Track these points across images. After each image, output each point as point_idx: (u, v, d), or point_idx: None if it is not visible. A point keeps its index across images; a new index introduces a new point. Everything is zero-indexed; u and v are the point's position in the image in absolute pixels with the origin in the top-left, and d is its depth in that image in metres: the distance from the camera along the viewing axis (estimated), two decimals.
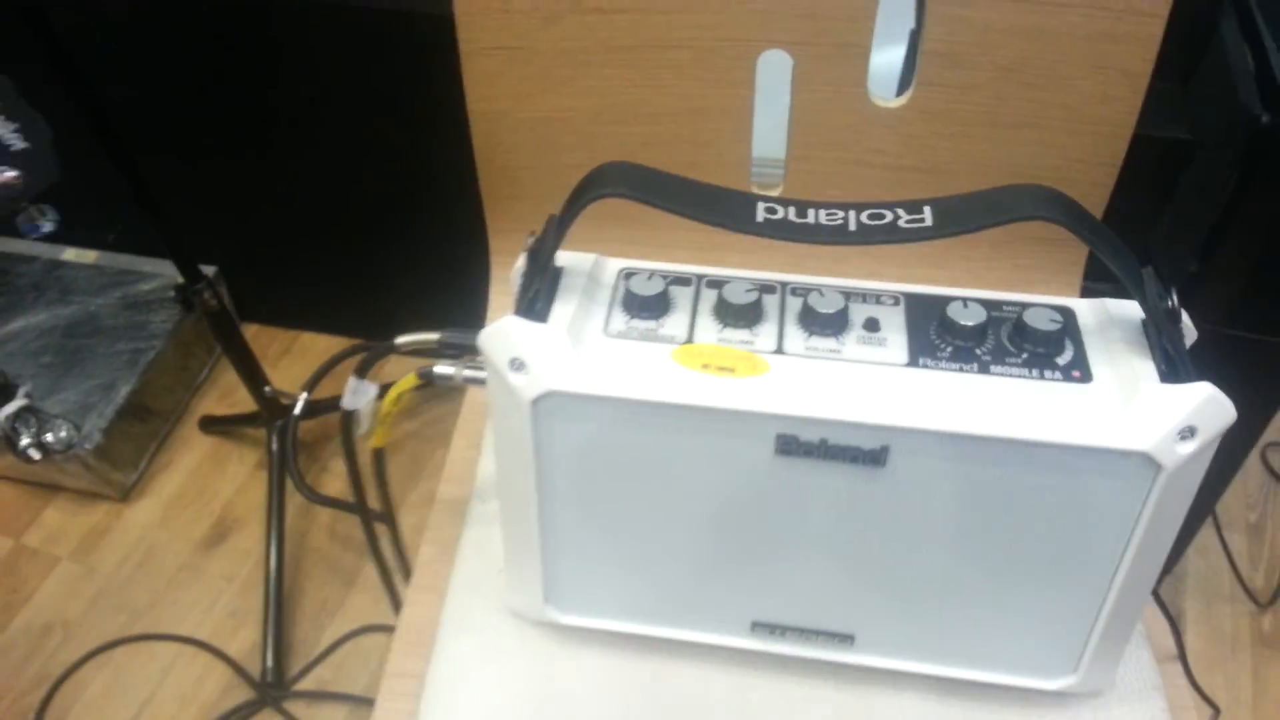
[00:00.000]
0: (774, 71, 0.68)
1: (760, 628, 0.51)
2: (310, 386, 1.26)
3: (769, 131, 0.70)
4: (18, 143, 0.56)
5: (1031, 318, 0.46)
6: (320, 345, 1.49)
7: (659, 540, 0.49)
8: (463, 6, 0.64)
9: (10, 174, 0.55)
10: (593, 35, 0.66)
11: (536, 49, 0.66)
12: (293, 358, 1.48)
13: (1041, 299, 0.48)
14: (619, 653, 0.53)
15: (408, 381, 0.55)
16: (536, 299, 0.47)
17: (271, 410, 1.24)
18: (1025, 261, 0.72)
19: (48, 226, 0.59)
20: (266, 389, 1.22)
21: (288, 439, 1.20)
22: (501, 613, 0.55)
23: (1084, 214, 0.43)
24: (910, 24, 0.73)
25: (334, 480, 1.31)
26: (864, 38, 0.66)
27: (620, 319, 0.47)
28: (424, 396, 1.41)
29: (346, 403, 0.57)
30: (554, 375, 0.45)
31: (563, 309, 0.47)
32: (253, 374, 1.20)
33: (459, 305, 1.36)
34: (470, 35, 0.65)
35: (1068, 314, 0.47)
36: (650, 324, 0.47)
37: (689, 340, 0.46)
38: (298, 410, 1.20)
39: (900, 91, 0.70)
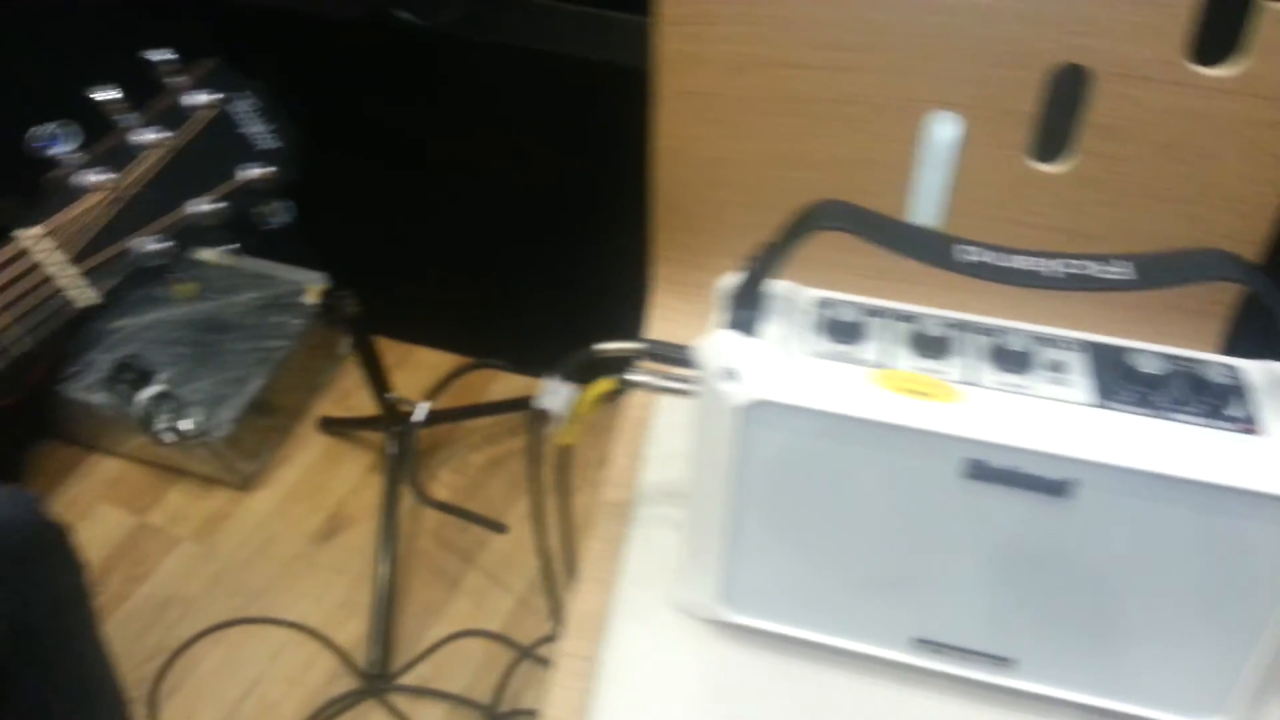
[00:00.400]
0: (939, 130, 0.73)
1: (923, 644, 0.55)
2: (432, 396, 1.32)
3: (928, 186, 0.75)
4: (272, 142, 0.63)
5: (1206, 371, 0.50)
6: (432, 360, 1.55)
7: (837, 550, 0.53)
8: (665, 54, 0.70)
9: (269, 169, 0.62)
10: (775, 86, 0.72)
11: (723, 95, 0.72)
12: (405, 370, 1.54)
13: (1213, 356, 0.51)
14: (783, 655, 0.57)
15: (606, 385, 0.60)
16: (747, 317, 0.52)
17: (392, 416, 1.30)
18: (1169, 329, 0.76)
19: (280, 220, 0.65)
20: (389, 395, 1.28)
21: (408, 444, 1.26)
22: (670, 607, 0.60)
23: (1267, 279, 0.47)
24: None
25: (440, 488, 1.36)
26: (1031, 105, 0.70)
27: (819, 341, 0.52)
28: (519, 422, 1.46)
29: (543, 402, 0.62)
30: (765, 385, 0.49)
31: (768, 328, 0.52)
32: (378, 380, 1.27)
33: (574, 330, 1.42)
34: (667, 80, 0.71)
35: (1238, 371, 0.51)
36: (847, 348, 0.52)
37: (883, 366, 0.51)
38: (421, 417, 1.27)
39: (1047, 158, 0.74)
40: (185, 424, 1.29)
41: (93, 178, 0.57)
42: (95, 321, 1.47)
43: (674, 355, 0.57)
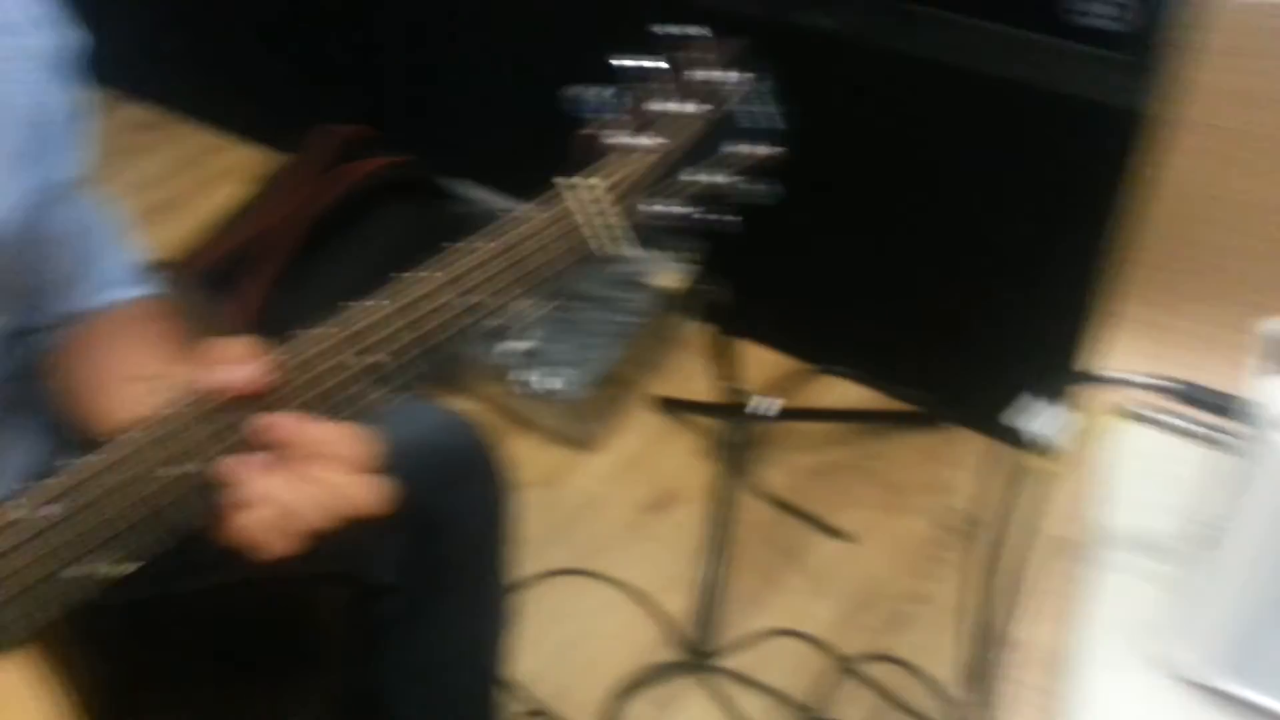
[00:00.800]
0: None
1: None
2: (782, 393, 1.34)
3: None
4: (778, 124, 0.65)
5: None
6: (761, 357, 1.56)
7: None
8: (1201, 83, 0.67)
9: (776, 149, 0.64)
10: None
11: (1253, 134, 0.67)
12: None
13: None
14: None
15: (1113, 417, 0.58)
16: None
17: (736, 407, 1.33)
18: None
19: (765, 200, 0.67)
20: (738, 387, 1.31)
21: (750, 436, 1.28)
22: (1143, 657, 0.57)
23: None
24: None
25: (765, 485, 1.38)
26: None
27: None
28: (852, 433, 1.45)
29: (1029, 425, 0.61)
30: None
31: None
32: (730, 371, 1.30)
33: (933, 352, 1.39)
34: (1192, 111, 0.68)
35: None
36: None
37: None
38: (770, 412, 1.29)
39: None
40: (551, 382, 1.38)
41: (645, 140, 0.61)
42: None
43: (1209, 400, 0.54)
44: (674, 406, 1.48)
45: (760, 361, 1.55)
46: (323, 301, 1.50)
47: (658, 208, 0.63)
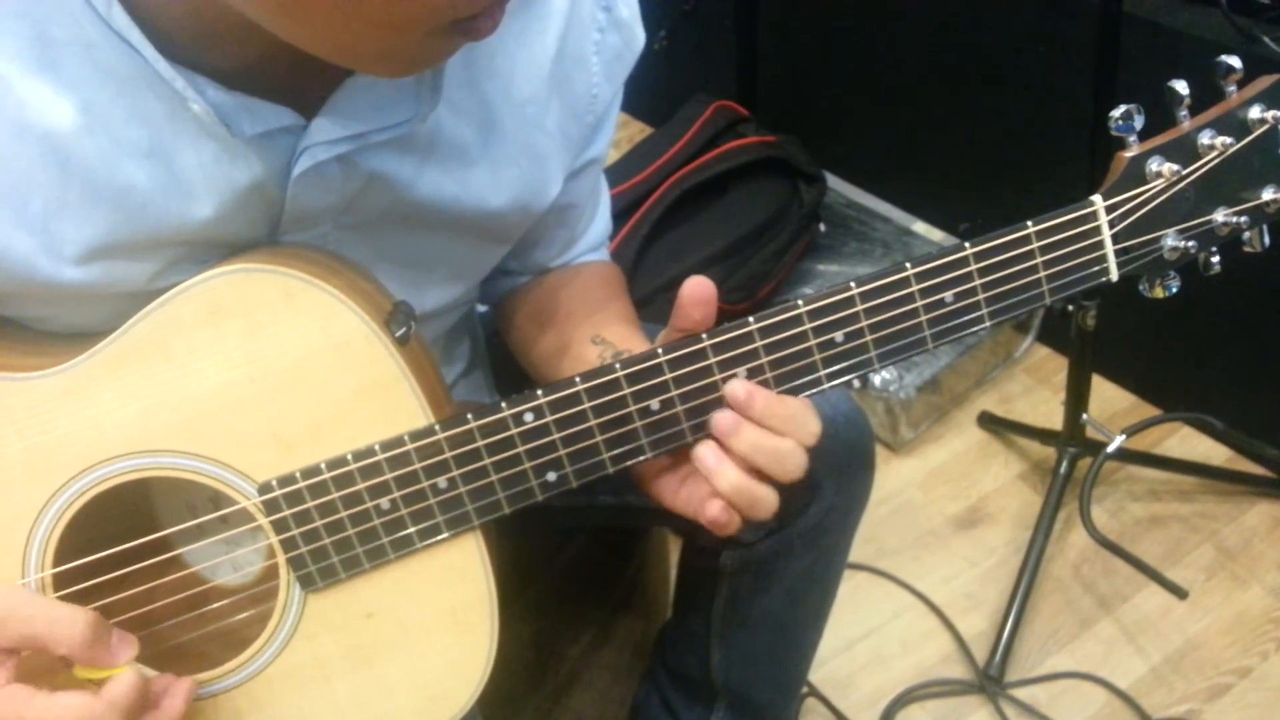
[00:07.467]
0: None
1: None
2: (1131, 432, 1.27)
3: None
4: None
5: None
6: (1112, 394, 1.48)
7: None
8: None
9: None
10: None
11: None
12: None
13: None
14: None
15: None
16: None
17: (1074, 436, 1.27)
18: None
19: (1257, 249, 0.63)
20: (1085, 416, 1.25)
21: (1087, 470, 1.22)
22: None
23: None
24: None
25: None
26: None
27: None
28: (1193, 488, 1.35)
29: None
30: None
31: None
32: (1080, 399, 1.24)
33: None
34: None
35: None
36: None
37: None
38: (1113, 449, 1.23)
39: None
40: (881, 377, 1.39)
41: (1155, 166, 0.59)
42: (808, 260, 1.62)
43: None
44: (999, 425, 1.44)
45: (1104, 397, 1.47)
46: (683, 263, 1.57)
47: (1163, 237, 0.59)
